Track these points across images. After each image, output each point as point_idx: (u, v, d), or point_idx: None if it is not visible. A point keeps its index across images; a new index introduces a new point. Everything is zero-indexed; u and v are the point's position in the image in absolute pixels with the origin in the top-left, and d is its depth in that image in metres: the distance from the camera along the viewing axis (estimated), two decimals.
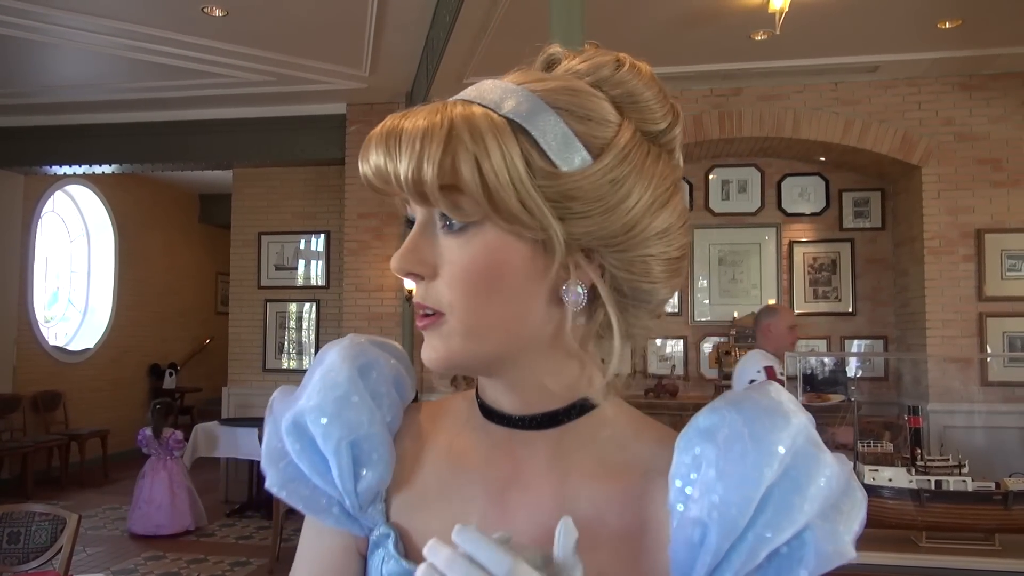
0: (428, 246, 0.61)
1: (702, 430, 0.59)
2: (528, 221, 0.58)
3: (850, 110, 5.60)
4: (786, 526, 0.54)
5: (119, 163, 6.87)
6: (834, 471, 0.57)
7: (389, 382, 0.70)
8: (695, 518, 0.56)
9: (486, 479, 0.65)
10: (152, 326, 9.26)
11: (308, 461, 0.66)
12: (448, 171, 0.56)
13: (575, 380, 0.64)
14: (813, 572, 0.54)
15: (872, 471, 1.79)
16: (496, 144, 0.57)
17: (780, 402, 0.59)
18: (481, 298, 0.60)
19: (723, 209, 6.44)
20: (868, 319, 6.20)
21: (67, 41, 5.17)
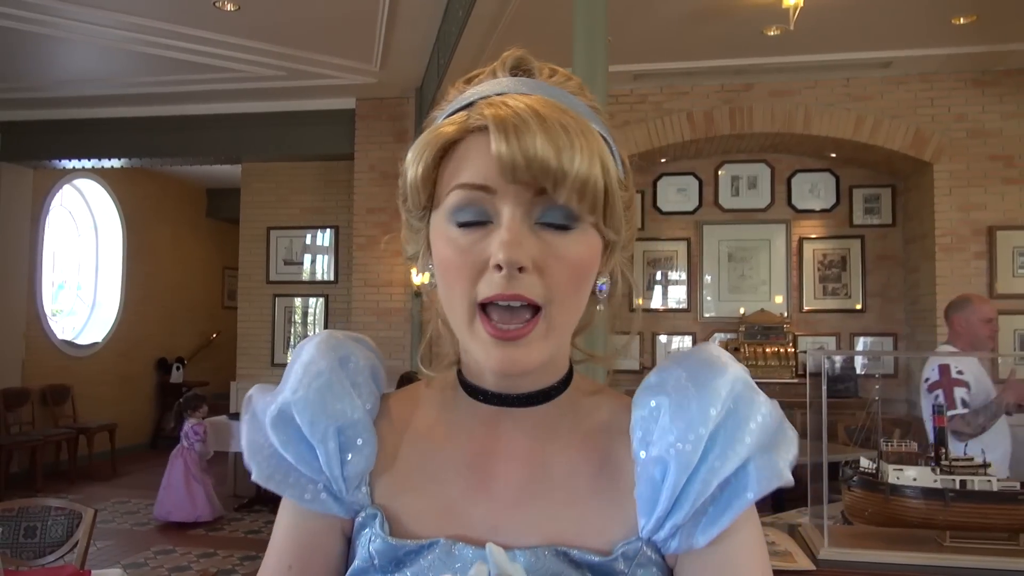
0: (528, 239, 0.61)
1: (653, 386, 0.67)
2: (619, 225, 0.66)
3: (862, 106, 5.57)
4: (732, 457, 0.63)
5: (127, 157, 6.87)
6: (768, 409, 0.66)
7: (366, 372, 0.73)
8: (656, 457, 0.64)
9: (469, 454, 0.69)
10: (159, 320, 9.27)
11: (294, 451, 0.68)
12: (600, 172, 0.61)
13: (566, 358, 0.72)
14: (758, 494, 0.63)
15: (896, 470, 1.79)
16: (608, 153, 0.64)
17: (717, 356, 0.68)
18: (575, 293, 0.64)
19: (733, 205, 6.42)
20: (878, 316, 6.18)
21: (77, 35, 5.17)
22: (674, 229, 6.49)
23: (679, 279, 6.50)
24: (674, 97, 5.81)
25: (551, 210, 0.62)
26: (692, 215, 6.45)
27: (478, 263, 0.62)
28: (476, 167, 0.62)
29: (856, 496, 1.83)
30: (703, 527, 0.64)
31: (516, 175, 0.59)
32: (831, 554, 1.76)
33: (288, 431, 0.68)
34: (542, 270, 0.61)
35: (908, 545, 1.79)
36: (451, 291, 0.64)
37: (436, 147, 0.64)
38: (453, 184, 0.63)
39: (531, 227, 0.62)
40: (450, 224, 0.64)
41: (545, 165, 0.59)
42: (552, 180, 0.59)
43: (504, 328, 0.61)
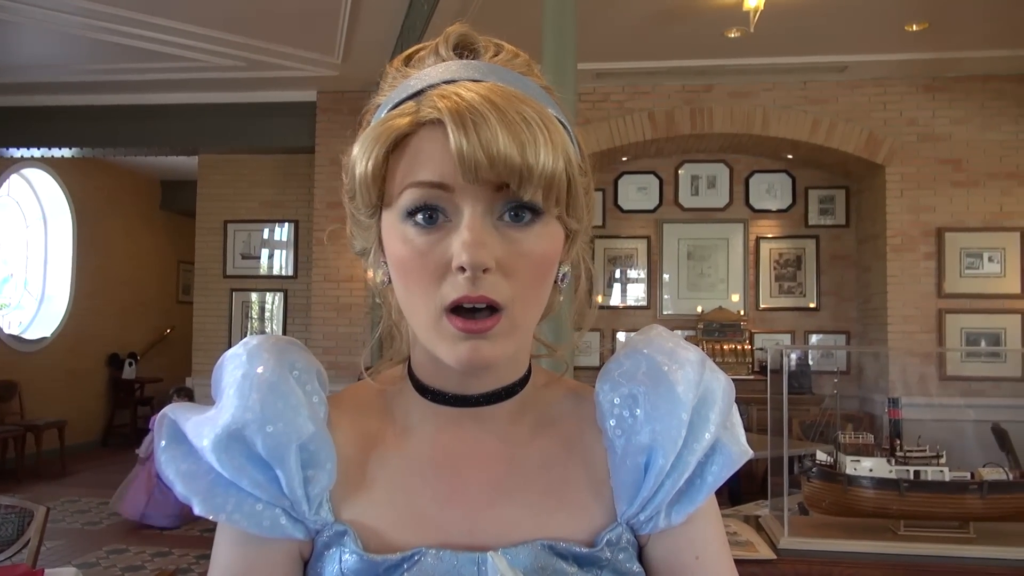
0: (490, 238, 0.58)
1: (618, 376, 0.67)
2: (581, 214, 0.64)
3: (818, 109, 5.70)
4: (706, 438, 0.65)
5: (79, 147, 6.69)
6: (726, 388, 0.68)
7: (313, 378, 0.66)
8: (642, 446, 0.64)
9: (433, 459, 0.66)
10: (111, 315, 9.05)
11: (248, 476, 0.61)
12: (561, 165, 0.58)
13: (527, 353, 0.70)
14: (728, 471, 0.66)
15: (854, 461, 1.84)
16: (569, 142, 0.61)
17: (676, 343, 0.69)
18: (538, 288, 0.62)
19: (692, 204, 6.51)
20: (831, 314, 6.34)
21: (27, 19, 5.01)
22: (634, 227, 6.56)
23: (639, 277, 6.57)
24: (636, 96, 5.87)
25: (513, 206, 0.59)
26: (652, 213, 6.53)
27: (440, 265, 0.59)
28: (432, 164, 0.58)
29: (815, 487, 1.88)
30: (680, 507, 0.66)
31: (479, 174, 0.56)
32: (791, 543, 1.80)
33: (240, 455, 0.61)
34: (506, 269, 0.59)
35: (864, 534, 1.84)
36: (411, 294, 0.61)
37: (386, 141, 0.60)
38: (408, 182, 0.59)
39: (493, 224, 0.59)
40: (406, 224, 0.60)
41: (510, 163, 0.56)
42: (517, 178, 0.56)
43: (471, 321, 0.58)
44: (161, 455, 0.63)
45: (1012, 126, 5.56)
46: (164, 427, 0.64)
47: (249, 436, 0.60)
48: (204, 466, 0.62)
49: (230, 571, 0.64)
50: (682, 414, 0.64)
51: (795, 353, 6.22)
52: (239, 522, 0.61)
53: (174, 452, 0.63)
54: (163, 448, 0.63)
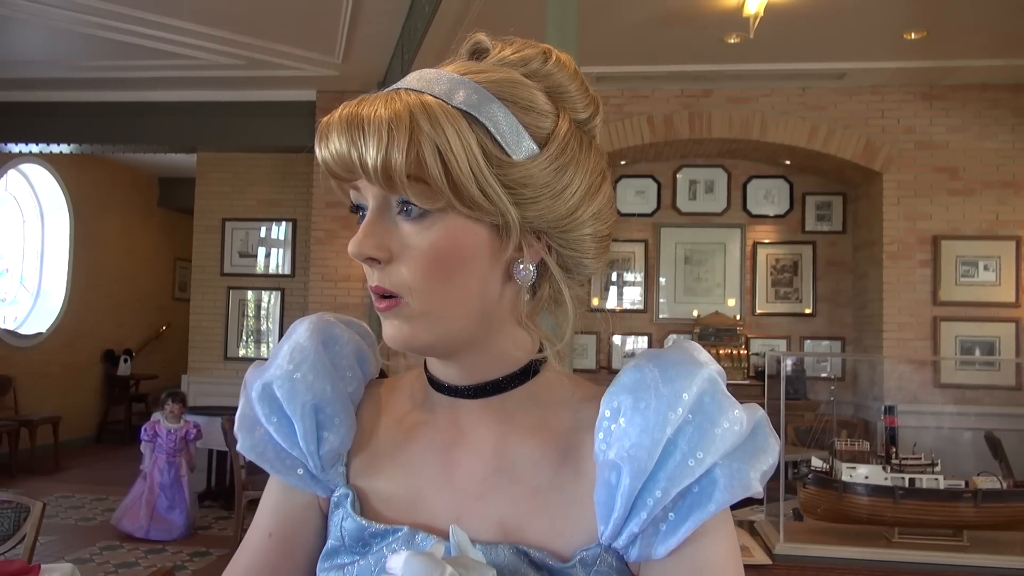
0: (384, 231, 0.63)
1: (624, 385, 0.65)
2: (487, 207, 0.62)
3: (816, 115, 5.72)
4: (695, 464, 0.60)
5: (77, 143, 6.68)
6: (737, 416, 0.62)
7: (351, 356, 0.75)
8: (611, 461, 0.62)
9: (434, 444, 0.71)
10: (107, 311, 9.03)
11: (276, 425, 0.71)
12: (414, 159, 0.58)
13: (521, 351, 0.69)
14: (721, 505, 0.61)
15: (849, 468, 1.85)
16: (455, 133, 0.60)
17: (692, 355, 0.65)
18: (442, 281, 0.63)
19: (690, 209, 6.53)
20: (827, 320, 6.35)
21: (28, 15, 5.00)
22: (632, 230, 6.57)
23: (636, 280, 6.58)
24: (635, 100, 5.88)
25: (400, 201, 0.62)
26: (650, 217, 6.54)
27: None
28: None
29: (810, 493, 1.89)
30: (663, 536, 0.61)
31: (333, 173, 0.63)
32: (786, 549, 1.82)
33: (271, 406, 0.71)
34: (402, 262, 0.63)
35: (859, 540, 1.86)
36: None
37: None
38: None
39: (392, 217, 0.63)
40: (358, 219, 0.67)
41: (343, 160, 0.60)
42: (363, 173, 0.60)
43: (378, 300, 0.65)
44: (240, 401, 0.75)
45: (1008, 135, 5.59)
46: (244, 381, 0.75)
47: (276, 391, 0.70)
48: (256, 413, 0.72)
49: (269, 509, 0.75)
50: (656, 432, 0.60)
51: (791, 359, 6.24)
52: (264, 463, 0.72)
53: (242, 399, 0.74)
54: (241, 396, 0.75)
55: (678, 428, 0.61)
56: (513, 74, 0.65)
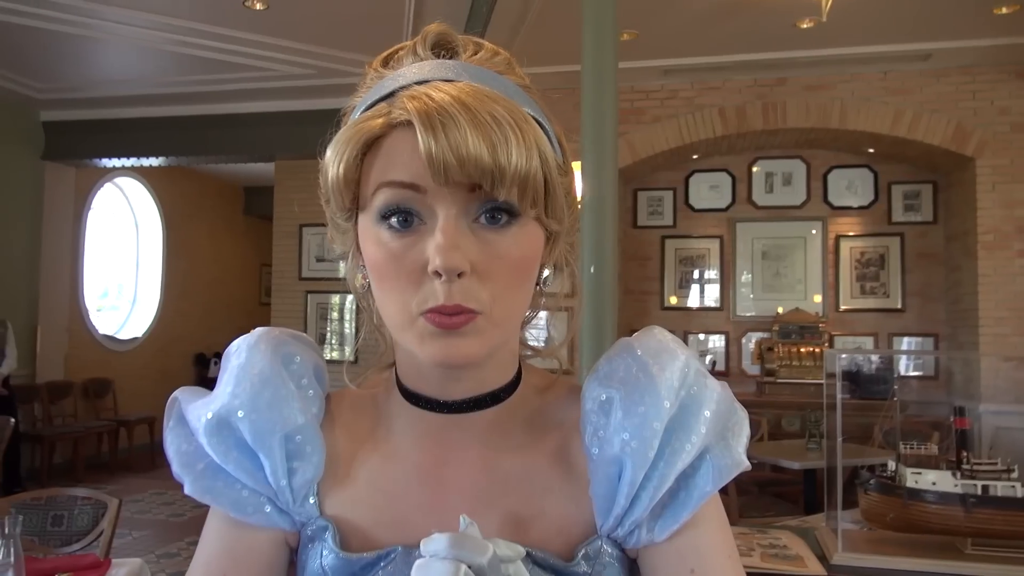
0: (466, 241, 0.57)
1: (602, 377, 0.64)
2: (561, 215, 0.62)
3: (900, 100, 5.42)
4: (689, 449, 0.61)
5: (165, 156, 7.00)
6: (720, 395, 0.63)
7: (310, 372, 0.68)
8: (612, 456, 0.61)
9: (418, 466, 0.65)
10: (198, 316, 9.44)
11: (235, 461, 0.64)
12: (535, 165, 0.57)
13: (514, 357, 0.67)
14: (716, 485, 0.61)
15: (915, 474, 1.72)
16: (545, 140, 0.59)
17: (665, 342, 0.65)
18: (520, 290, 0.61)
19: (767, 202, 6.31)
20: (918, 316, 6.02)
21: (114, 36, 5.27)
22: (706, 226, 6.40)
23: (712, 277, 6.41)
24: (705, 92, 5.72)
25: (489, 207, 0.57)
26: (725, 212, 6.36)
27: (415, 269, 0.57)
28: (404, 165, 0.57)
29: (872, 500, 1.77)
30: (663, 522, 0.62)
31: (449, 175, 0.54)
32: (844, 559, 1.70)
33: (227, 440, 0.63)
34: (482, 273, 0.57)
35: (926, 552, 1.73)
36: (387, 297, 0.60)
37: (359, 143, 0.59)
38: (381, 182, 0.58)
39: (468, 226, 0.57)
40: (380, 226, 0.59)
41: (479, 164, 0.54)
42: (489, 179, 0.55)
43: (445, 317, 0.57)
44: (167, 435, 0.66)
45: None
46: (172, 409, 0.68)
47: (235, 423, 0.63)
48: (202, 449, 0.64)
49: (212, 550, 0.66)
50: (654, 423, 0.60)
51: (876, 357, 5.94)
52: (224, 506, 0.64)
53: (177, 433, 0.66)
54: (169, 428, 0.67)
55: (671, 417, 0.61)
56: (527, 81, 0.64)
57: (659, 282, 6.46)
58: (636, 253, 6.45)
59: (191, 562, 0.67)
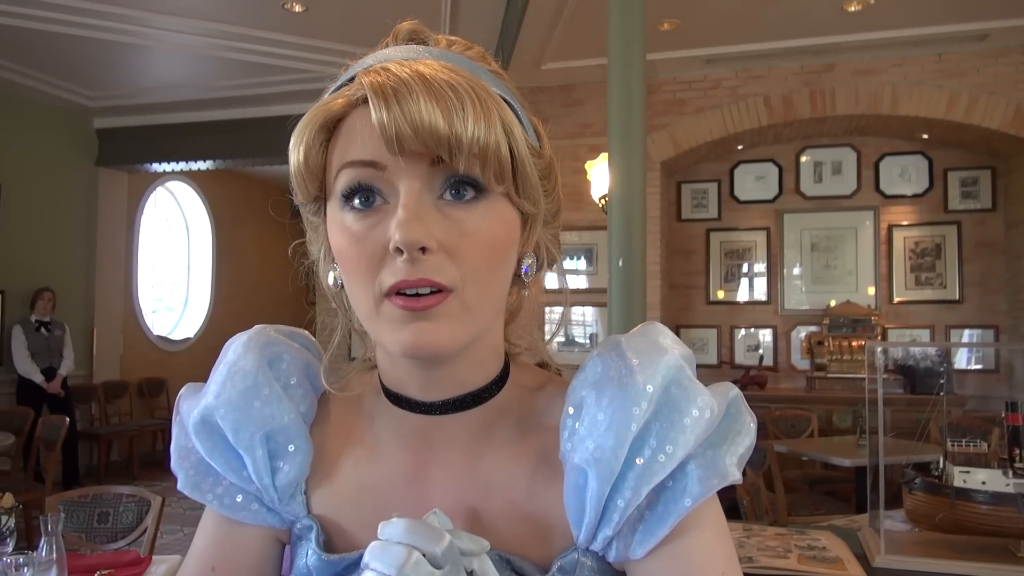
0: (429, 216, 0.54)
1: (586, 378, 0.60)
2: (535, 195, 0.60)
3: (955, 83, 5.21)
4: (665, 459, 0.55)
5: (213, 159, 7.14)
6: (706, 401, 0.57)
7: (300, 372, 0.68)
8: (576, 465, 0.57)
9: (404, 466, 0.64)
10: (247, 317, 9.59)
11: (221, 458, 0.64)
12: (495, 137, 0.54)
13: (497, 356, 0.64)
14: (697, 499, 0.56)
15: (963, 472, 1.63)
16: (511, 114, 0.57)
17: (656, 340, 0.60)
18: (492, 272, 0.58)
19: (816, 192, 6.13)
20: (977, 307, 5.79)
21: (162, 43, 5.39)
22: (752, 218, 6.25)
23: (760, 271, 6.26)
24: (749, 81, 5.58)
25: (453, 182, 0.55)
26: (772, 203, 6.20)
27: (377, 250, 0.55)
28: (364, 142, 0.55)
29: (918, 500, 1.68)
30: (640, 537, 0.57)
31: (403, 145, 0.52)
32: (887, 562, 1.62)
33: (213, 438, 0.64)
34: (450, 250, 0.54)
35: (976, 555, 1.63)
36: (352, 284, 0.58)
37: (317, 125, 0.57)
38: (341, 163, 0.56)
39: (433, 203, 0.55)
40: (344, 210, 0.57)
41: (434, 131, 0.52)
42: (447, 147, 0.52)
43: (412, 299, 0.54)
44: (172, 429, 0.68)
45: None
46: (176, 408, 0.68)
47: (218, 421, 0.63)
48: (193, 445, 0.65)
49: (204, 542, 0.67)
50: (621, 431, 0.55)
51: (934, 350, 5.73)
52: (213, 502, 0.65)
53: (177, 429, 0.67)
54: (174, 424, 0.68)
55: (644, 424, 0.56)
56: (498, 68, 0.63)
57: (704, 276, 6.33)
58: (681, 247, 6.34)
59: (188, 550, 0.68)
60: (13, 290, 6.33)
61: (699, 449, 0.57)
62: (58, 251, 6.83)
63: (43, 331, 6.17)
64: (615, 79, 2.03)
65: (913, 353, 5.66)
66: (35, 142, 6.58)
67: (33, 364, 6.00)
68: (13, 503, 1.93)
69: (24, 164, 6.47)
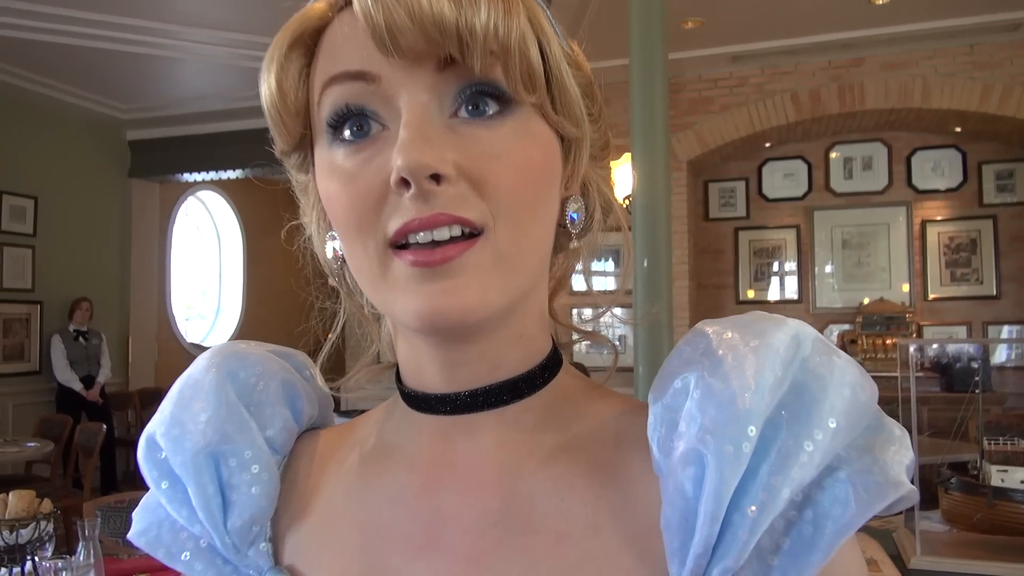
0: (441, 137, 0.41)
1: (682, 362, 0.43)
2: (576, 112, 0.46)
3: (988, 74, 5.11)
4: (809, 450, 0.38)
5: (243, 168, 7.24)
6: (858, 380, 0.41)
7: (276, 396, 0.53)
8: (685, 452, 0.39)
9: (406, 490, 0.48)
10: (276, 323, 9.72)
11: (168, 491, 0.49)
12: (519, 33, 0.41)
13: (544, 333, 0.49)
14: (864, 512, 0.38)
15: (1000, 471, 1.60)
16: (545, 17, 0.45)
17: (762, 314, 0.44)
18: (533, 208, 0.44)
19: (846, 189, 6.05)
20: (1015, 302, 5.66)
21: (192, 55, 5.48)
22: (782, 216, 6.19)
23: (790, 269, 6.19)
24: (776, 77, 5.53)
25: (469, 93, 0.42)
26: (801, 201, 6.13)
27: (375, 187, 0.42)
28: (350, 50, 0.42)
29: (954, 500, 1.65)
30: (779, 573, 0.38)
31: (398, 40, 0.40)
32: (924, 563, 1.59)
33: (161, 466, 0.50)
34: (474, 177, 0.41)
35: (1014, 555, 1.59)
36: (348, 240, 0.44)
37: (290, 40, 0.44)
38: (325, 82, 0.43)
39: (445, 122, 0.42)
40: (333, 147, 0.44)
41: (439, 17, 0.39)
42: (455, 39, 0.40)
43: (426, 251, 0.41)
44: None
45: None
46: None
47: (159, 441, 0.50)
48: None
49: None
50: (751, 400, 0.39)
51: (974, 347, 5.61)
52: (156, 550, 0.51)
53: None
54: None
55: (780, 400, 0.40)
56: None
57: (733, 276, 6.28)
58: (709, 246, 6.29)
59: None
60: (51, 300, 6.47)
61: (849, 447, 0.40)
62: (94, 261, 6.97)
63: (81, 340, 6.30)
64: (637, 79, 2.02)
65: (949, 350, 5.55)
66: (70, 155, 6.73)
67: (72, 372, 6.12)
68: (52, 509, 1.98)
69: (60, 177, 6.62)
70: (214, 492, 0.48)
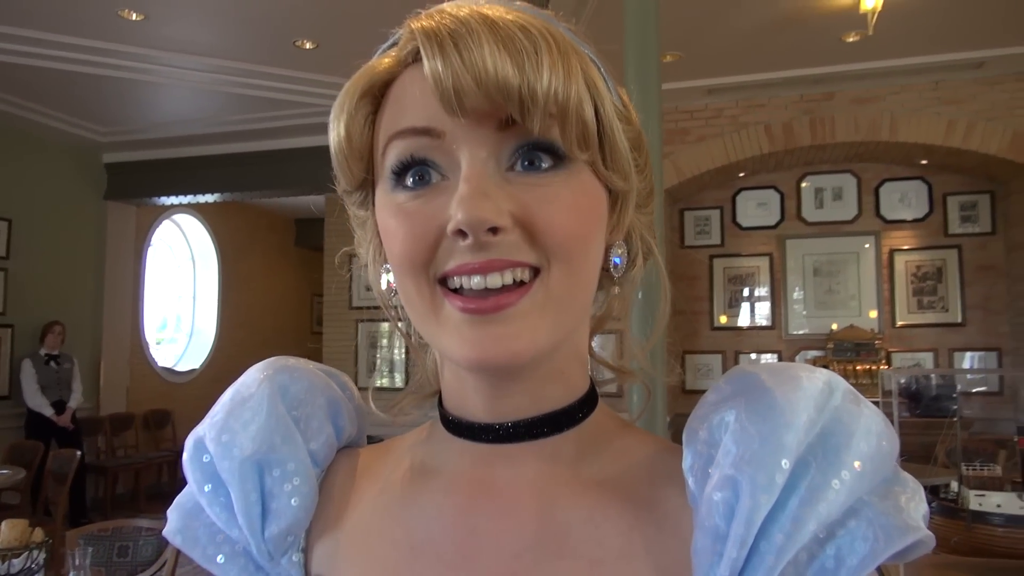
0: (498, 191, 0.44)
1: (717, 401, 0.47)
2: (625, 167, 0.49)
3: (953, 109, 5.31)
4: (837, 488, 0.42)
5: (220, 192, 7.23)
6: (882, 427, 0.45)
7: (322, 411, 0.56)
8: (720, 480, 0.43)
9: (448, 513, 0.50)
10: (253, 346, 9.63)
11: (210, 494, 0.52)
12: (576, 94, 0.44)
13: (583, 370, 0.53)
14: (878, 553, 0.41)
15: (978, 496, 1.67)
16: (600, 75, 0.48)
17: (789, 364, 0.48)
18: (585, 249, 0.47)
19: (817, 218, 6.21)
20: (979, 330, 5.84)
21: (173, 80, 5.49)
22: (755, 244, 6.32)
23: (762, 295, 6.32)
24: (751, 110, 5.68)
25: (526, 149, 0.45)
26: (774, 229, 6.28)
27: (431, 230, 0.45)
28: (416, 106, 0.45)
29: (934, 523, 1.72)
30: None
31: (464, 102, 0.42)
32: None
33: (205, 469, 0.52)
34: (529, 225, 0.44)
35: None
36: (401, 274, 0.47)
37: (360, 92, 0.48)
38: (391, 135, 0.47)
39: (502, 175, 0.45)
40: (396, 192, 0.47)
41: (503, 82, 0.42)
42: (517, 103, 0.42)
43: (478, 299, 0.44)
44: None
45: None
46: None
47: (207, 444, 0.52)
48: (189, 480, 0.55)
49: None
50: (784, 437, 0.42)
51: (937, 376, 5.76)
52: (192, 549, 0.53)
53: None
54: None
55: (810, 443, 0.43)
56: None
57: (708, 302, 6.39)
58: (684, 273, 6.40)
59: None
60: (23, 323, 6.37)
61: (870, 492, 0.43)
62: (67, 284, 6.88)
63: (52, 364, 6.20)
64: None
65: (918, 376, 5.69)
66: (45, 177, 6.67)
67: (43, 398, 6.02)
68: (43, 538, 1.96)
69: (34, 199, 6.55)
70: (256, 500, 0.51)
